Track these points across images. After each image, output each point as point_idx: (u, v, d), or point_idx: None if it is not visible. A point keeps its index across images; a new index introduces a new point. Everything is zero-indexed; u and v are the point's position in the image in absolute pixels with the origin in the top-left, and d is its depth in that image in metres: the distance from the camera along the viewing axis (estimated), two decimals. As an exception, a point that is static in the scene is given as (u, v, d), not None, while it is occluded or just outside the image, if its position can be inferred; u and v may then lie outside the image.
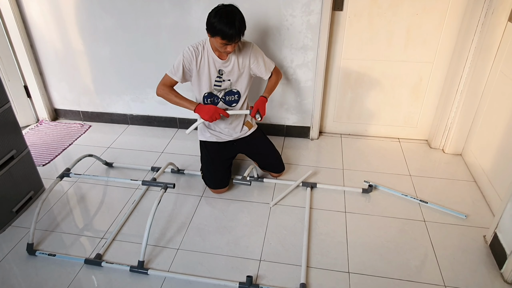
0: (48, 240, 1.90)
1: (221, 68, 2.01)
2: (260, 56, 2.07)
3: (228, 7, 1.84)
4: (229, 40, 1.81)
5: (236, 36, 1.80)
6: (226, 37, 1.79)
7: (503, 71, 2.03)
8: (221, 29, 1.78)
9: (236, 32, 1.79)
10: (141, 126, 2.98)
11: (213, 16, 1.81)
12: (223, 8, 1.83)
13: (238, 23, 1.79)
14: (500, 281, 1.65)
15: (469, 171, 2.36)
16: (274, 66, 2.15)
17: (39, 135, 2.86)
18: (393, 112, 2.64)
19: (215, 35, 1.82)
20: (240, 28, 1.81)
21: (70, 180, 2.32)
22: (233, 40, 1.82)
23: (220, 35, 1.80)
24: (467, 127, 2.40)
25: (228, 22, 1.77)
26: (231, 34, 1.78)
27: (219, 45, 1.86)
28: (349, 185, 2.26)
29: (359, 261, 1.76)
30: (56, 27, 2.65)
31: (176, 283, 1.66)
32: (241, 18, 1.83)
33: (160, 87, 2.02)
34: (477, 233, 1.90)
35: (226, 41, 1.82)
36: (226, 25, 1.77)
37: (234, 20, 1.78)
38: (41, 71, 2.89)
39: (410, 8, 2.24)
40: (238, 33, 1.80)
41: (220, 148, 2.20)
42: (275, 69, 2.15)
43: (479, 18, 2.08)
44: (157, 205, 1.76)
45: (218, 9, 1.82)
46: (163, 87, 2.02)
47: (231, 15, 1.79)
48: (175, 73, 1.99)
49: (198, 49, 1.97)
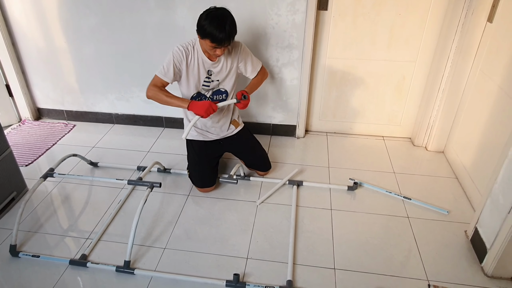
0: (32, 241, 1.87)
1: (210, 69, 2.01)
2: (248, 56, 2.07)
3: (220, 10, 1.83)
4: (218, 44, 1.80)
5: (225, 40, 1.79)
6: (215, 40, 1.78)
7: (482, 70, 2.08)
8: (211, 32, 1.76)
9: (225, 36, 1.77)
10: (127, 126, 2.96)
11: (204, 18, 1.79)
12: (215, 11, 1.81)
13: (228, 27, 1.78)
14: (480, 274, 1.70)
15: (451, 168, 2.42)
16: (261, 66, 2.16)
17: (22, 135, 2.81)
18: (377, 111, 2.69)
19: (204, 37, 1.81)
20: (230, 32, 1.80)
21: (54, 180, 2.29)
22: (223, 44, 1.81)
23: (210, 38, 1.78)
24: (448, 125, 2.45)
25: (218, 25, 1.75)
26: (220, 38, 1.77)
27: (209, 47, 1.85)
28: (335, 182, 2.28)
29: (344, 257, 1.78)
30: (38, 24, 2.61)
31: (162, 283, 1.66)
32: (231, 22, 1.81)
33: (150, 88, 1.96)
34: (458, 228, 1.95)
35: (215, 45, 1.81)
36: (216, 28, 1.75)
37: (224, 24, 1.76)
38: (23, 69, 2.84)
39: (393, 8, 2.28)
40: (227, 38, 1.79)
41: (207, 147, 2.20)
42: (262, 68, 2.16)
43: (459, 18, 2.13)
44: (143, 204, 1.75)
45: (209, 12, 1.81)
46: (153, 88, 1.95)
47: (222, 18, 1.78)
48: (165, 74, 1.94)
49: (188, 49, 1.95)
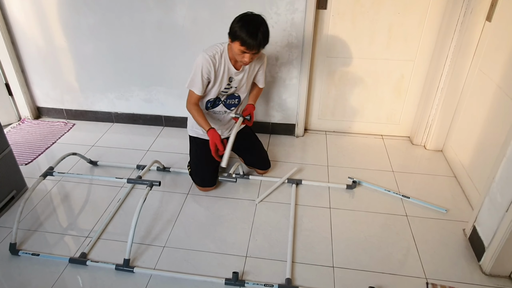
0: (32, 239, 1.88)
1: (232, 76, 2.00)
2: (265, 67, 2.12)
3: (256, 16, 1.81)
4: (248, 48, 1.77)
5: (255, 47, 1.77)
6: (245, 43, 1.75)
7: (481, 69, 2.09)
8: (242, 35, 1.74)
9: (256, 42, 1.75)
10: (126, 124, 2.96)
11: (237, 20, 1.78)
12: (251, 15, 1.80)
13: (261, 35, 1.76)
14: (478, 272, 1.70)
15: (449, 167, 2.42)
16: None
17: (21, 134, 2.81)
18: (376, 110, 2.69)
19: (235, 39, 1.78)
20: (262, 40, 1.78)
21: (53, 179, 2.29)
22: (252, 49, 1.78)
23: (240, 41, 1.76)
24: (447, 124, 2.46)
25: (251, 30, 1.74)
26: (251, 43, 1.75)
27: (237, 51, 1.82)
28: (334, 181, 2.29)
29: (343, 256, 1.79)
30: (38, 23, 2.61)
31: (162, 281, 1.67)
32: (265, 31, 1.79)
33: (188, 105, 2.02)
34: (457, 227, 1.95)
35: (244, 48, 1.78)
36: (248, 32, 1.73)
37: (257, 30, 1.75)
38: (23, 68, 2.84)
39: (392, 7, 2.28)
40: (258, 44, 1.77)
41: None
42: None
43: (458, 17, 2.13)
44: (142, 203, 1.76)
45: (244, 15, 1.80)
46: (190, 105, 2.01)
47: (256, 24, 1.76)
48: (196, 86, 1.95)
49: (215, 58, 1.91)
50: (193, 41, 2.51)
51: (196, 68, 1.91)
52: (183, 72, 2.65)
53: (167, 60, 2.62)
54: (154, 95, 2.80)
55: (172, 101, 2.80)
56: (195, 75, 1.93)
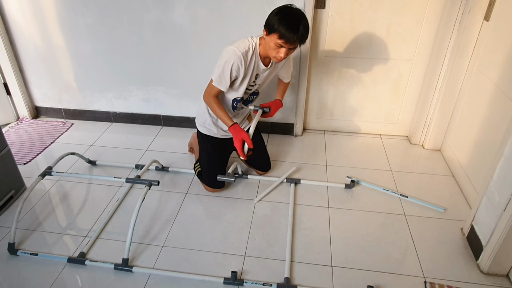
0: (30, 239, 1.88)
1: (258, 73, 1.93)
2: (290, 61, 2.03)
3: (297, 10, 1.70)
4: (287, 41, 1.66)
5: (296, 41, 1.66)
6: (284, 36, 1.64)
7: (479, 68, 2.10)
8: (281, 27, 1.63)
9: (298, 36, 1.65)
10: (125, 124, 2.96)
11: (276, 12, 1.67)
12: (291, 8, 1.69)
13: (303, 28, 1.65)
14: (476, 271, 1.71)
15: (447, 166, 2.43)
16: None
17: (20, 133, 2.81)
18: (374, 109, 2.70)
19: (272, 31, 1.67)
20: (303, 34, 1.67)
21: (52, 179, 2.29)
22: (292, 43, 1.67)
23: (279, 33, 1.65)
24: (445, 123, 2.47)
25: (292, 22, 1.63)
26: (291, 36, 1.64)
27: (274, 45, 1.71)
28: (332, 180, 2.29)
29: (341, 255, 1.79)
30: (36, 23, 2.60)
31: (161, 280, 1.67)
32: (306, 25, 1.68)
33: (206, 96, 1.93)
34: (455, 226, 1.96)
35: (283, 42, 1.66)
36: (289, 25, 1.63)
37: (299, 23, 1.64)
38: (21, 68, 2.83)
39: (390, 7, 2.28)
40: (299, 38, 1.67)
41: (221, 145, 2.16)
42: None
43: (456, 17, 2.14)
44: (141, 202, 1.76)
45: (284, 7, 1.69)
46: (208, 98, 1.92)
47: (297, 17, 1.66)
48: (222, 83, 1.85)
49: (248, 55, 1.81)
50: (191, 40, 2.51)
51: (225, 65, 1.80)
52: (181, 72, 2.65)
53: (165, 59, 2.62)
54: (152, 95, 2.80)
55: (171, 100, 2.80)
56: (223, 71, 1.81)
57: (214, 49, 2.52)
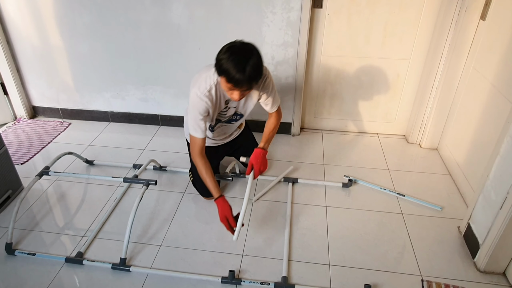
0: (28, 239, 1.88)
1: (229, 99, 1.79)
2: (271, 90, 1.81)
3: (245, 45, 1.54)
4: (235, 85, 1.52)
5: (243, 83, 1.51)
6: (231, 80, 1.51)
7: (475, 67, 2.10)
8: (227, 69, 1.49)
9: (244, 78, 1.49)
10: (122, 124, 2.96)
11: (224, 51, 1.52)
12: (239, 45, 1.53)
13: (250, 69, 1.48)
14: (473, 269, 1.72)
15: (444, 165, 2.44)
16: (279, 105, 1.93)
17: (17, 133, 2.80)
18: (371, 108, 2.70)
19: (220, 74, 1.55)
20: (251, 75, 1.50)
21: (49, 179, 2.29)
22: (240, 86, 1.53)
23: (226, 76, 1.52)
24: (442, 122, 2.48)
25: (238, 62, 1.48)
26: (238, 79, 1.49)
27: (225, 88, 1.59)
28: (330, 179, 2.30)
29: (339, 254, 1.80)
30: (33, 22, 2.60)
31: (158, 280, 1.67)
32: (255, 64, 1.50)
33: (194, 156, 1.77)
34: (451, 224, 1.97)
35: (231, 85, 1.54)
36: (235, 66, 1.48)
37: (245, 64, 1.48)
38: (18, 67, 2.83)
39: (387, 6, 2.29)
40: (247, 80, 1.50)
41: (210, 152, 2.04)
42: (278, 108, 1.93)
43: (452, 16, 2.14)
44: (139, 202, 1.76)
45: (232, 45, 1.54)
46: (196, 157, 1.76)
47: (244, 56, 1.50)
48: (198, 131, 1.72)
49: (211, 92, 1.68)
50: (189, 39, 2.51)
51: (194, 114, 1.70)
52: (179, 71, 2.65)
53: (163, 59, 2.62)
54: (150, 94, 2.80)
55: (169, 100, 2.80)
56: (195, 121, 1.70)
57: (211, 48, 2.52)
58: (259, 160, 1.80)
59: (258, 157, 1.80)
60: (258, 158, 1.80)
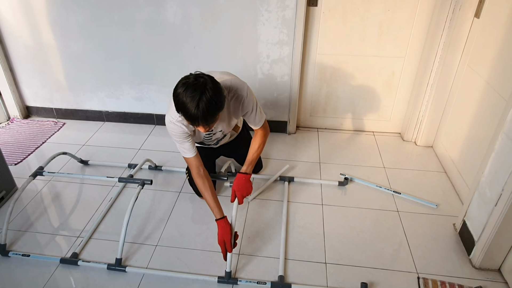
0: (22, 240, 1.86)
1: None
2: (252, 108, 1.71)
3: (199, 78, 1.38)
4: (192, 123, 1.42)
5: (200, 121, 1.38)
6: (187, 118, 1.40)
7: (470, 65, 2.11)
8: (182, 108, 1.38)
9: (199, 115, 1.36)
10: (117, 123, 2.94)
11: (180, 86, 1.39)
12: (192, 81, 1.38)
13: (203, 105, 1.34)
14: (469, 266, 1.73)
15: (439, 162, 2.45)
16: (264, 120, 1.82)
17: (11, 134, 2.78)
18: (367, 106, 2.70)
19: (177, 110, 1.43)
20: (206, 113, 1.35)
21: (43, 179, 2.27)
22: (197, 124, 1.42)
23: (182, 114, 1.41)
24: (437, 120, 2.48)
25: (191, 99, 1.34)
26: (193, 117, 1.37)
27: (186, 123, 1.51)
28: (326, 178, 2.30)
29: (335, 252, 1.80)
30: (26, 21, 2.57)
31: (154, 280, 1.66)
32: (209, 100, 1.35)
33: (196, 180, 1.71)
34: (447, 222, 1.98)
35: (189, 122, 1.44)
36: (190, 102, 1.35)
37: (199, 100, 1.34)
38: (11, 67, 2.80)
39: (381, 4, 2.29)
40: (202, 118, 1.37)
41: (206, 152, 2.07)
42: (264, 124, 1.83)
43: (447, 14, 2.15)
44: (134, 201, 1.75)
45: (185, 81, 1.39)
46: (196, 178, 1.71)
47: (198, 91, 1.35)
48: (186, 151, 1.67)
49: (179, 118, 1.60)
50: (184, 38, 2.50)
51: (174, 138, 1.66)
52: (174, 70, 2.64)
53: (157, 57, 2.61)
54: (145, 93, 2.79)
55: (164, 99, 2.79)
56: (178, 143, 1.68)
57: (206, 47, 2.51)
58: (241, 187, 1.73)
59: (240, 183, 1.74)
60: (240, 185, 1.73)
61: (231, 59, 2.53)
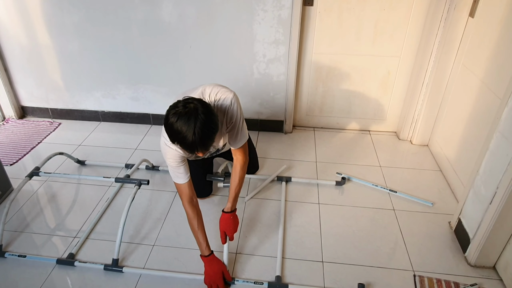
0: (18, 241, 1.85)
1: None
2: (236, 120, 1.60)
3: (189, 105, 1.30)
4: (191, 151, 1.34)
5: (197, 148, 1.32)
6: (183, 147, 1.33)
7: (465, 64, 2.12)
8: (175, 135, 1.31)
9: (196, 143, 1.29)
10: (114, 123, 2.93)
11: (171, 115, 1.30)
12: (182, 107, 1.30)
13: (199, 131, 1.27)
14: (464, 264, 1.74)
15: (435, 161, 2.46)
16: (245, 142, 1.69)
17: (6, 134, 2.76)
18: (363, 105, 2.72)
19: (173, 141, 1.34)
20: (203, 139, 1.29)
21: (40, 179, 2.26)
22: (193, 152, 1.35)
23: (178, 143, 1.32)
24: (432, 118, 2.50)
25: (188, 127, 1.27)
26: (189, 146, 1.30)
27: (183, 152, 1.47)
28: (322, 177, 2.31)
29: (332, 250, 1.81)
30: (21, 21, 2.56)
31: (152, 280, 1.66)
32: (204, 124, 1.28)
33: (184, 204, 1.63)
34: (442, 220, 1.99)
35: (188, 153, 1.43)
36: (186, 131, 1.27)
37: (194, 127, 1.27)
38: (6, 67, 2.78)
39: (377, 4, 2.30)
40: (199, 144, 1.30)
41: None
42: (244, 145, 1.70)
43: (442, 13, 2.16)
44: (131, 201, 1.75)
45: (175, 108, 1.31)
46: (186, 206, 1.62)
47: (191, 119, 1.27)
48: (179, 177, 1.59)
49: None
50: (179, 38, 2.50)
51: (168, 161, 1.56)
52: (170, 70, 2.63)
53: (153, 57, 2.60)
54: (141, 93, 2.78)
55: (160, 98, 2.78)
56: (171, 167, 1.58)
57: (202, 46, 2.51)
58: (230, 226, 1.69)
59: (228, 223, 1.69)
60: (227, 224, 1.69)
61: (227, 59, 2.54)
